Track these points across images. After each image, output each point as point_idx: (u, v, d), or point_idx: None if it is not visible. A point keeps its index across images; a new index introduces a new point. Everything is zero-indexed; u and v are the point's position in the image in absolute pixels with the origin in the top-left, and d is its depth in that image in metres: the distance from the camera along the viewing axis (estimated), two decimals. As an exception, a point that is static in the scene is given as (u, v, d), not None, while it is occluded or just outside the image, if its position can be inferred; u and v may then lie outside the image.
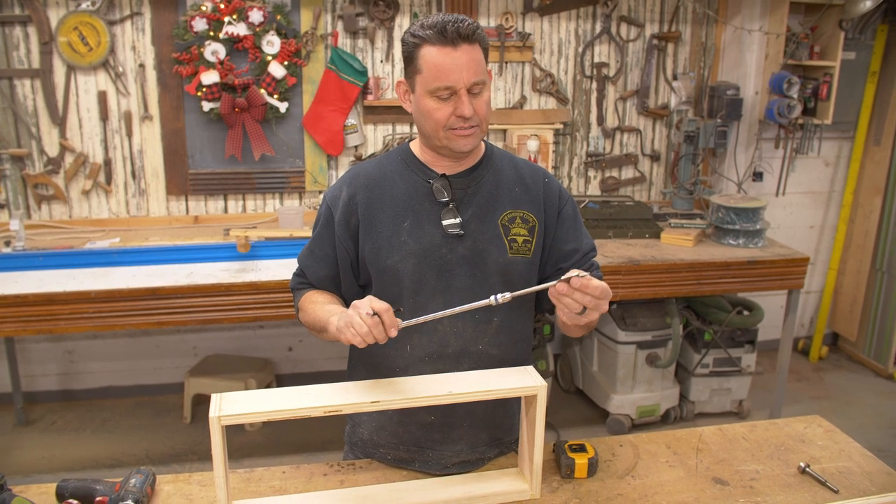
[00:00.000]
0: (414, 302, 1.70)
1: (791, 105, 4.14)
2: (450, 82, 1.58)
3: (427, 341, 1.72)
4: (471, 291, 1.70)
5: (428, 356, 1.72)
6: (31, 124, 3.71)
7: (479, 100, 1.62)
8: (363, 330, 1.45)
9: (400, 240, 1.70)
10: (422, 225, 1.71)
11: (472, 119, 1.62)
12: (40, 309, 2.98)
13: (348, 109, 3.92)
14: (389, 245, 1.70)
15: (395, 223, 1.71)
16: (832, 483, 1.71)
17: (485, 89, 1.63)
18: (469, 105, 1.60)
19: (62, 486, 1.59)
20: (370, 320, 1.45)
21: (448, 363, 1.72)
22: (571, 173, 4.36)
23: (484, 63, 1.63)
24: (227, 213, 4.02)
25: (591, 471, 1.73)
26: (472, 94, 1.61)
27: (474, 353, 1.73)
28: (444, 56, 1.57)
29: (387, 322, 1.46)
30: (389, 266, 1.70)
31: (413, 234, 1.70)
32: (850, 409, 4.29)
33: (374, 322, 1.45)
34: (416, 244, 1.69)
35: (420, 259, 1.69)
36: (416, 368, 1.72)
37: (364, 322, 1.45)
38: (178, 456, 3.71)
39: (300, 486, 1.69)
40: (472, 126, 1.64)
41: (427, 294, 1.70)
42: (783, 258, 3.62)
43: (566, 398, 4.36)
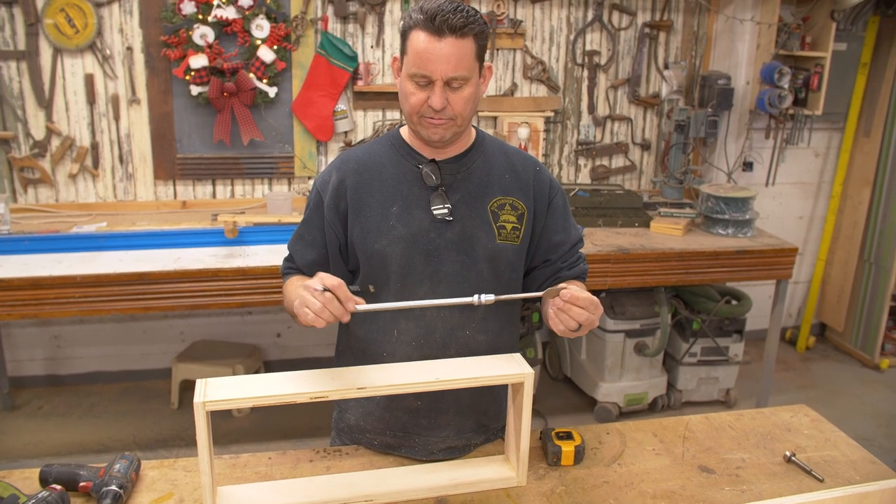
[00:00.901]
0: (402, 287, 1.70)
1: (782, 95, 4.14)
2: (426, 71, 1.57)
3: (414, 327, 1.71)
4: (459, 277, 1.70)
5: (415, 341, 1.72)
6: (17, 107, 3.67)
7: (458, 94, 1.61)
8: (316, 307, 1.43)
9: (388, 224, 1.69)
10: (410, 210, 1.70)
11: (443, 112, 1.61)
12: (26, 293, 2.95)
13: (338, 95, 3.89)
14: (378, 229, 1.69)
15: (384, 207, 1.70)
16: (817, 472, 1.72)
17: (467, 85, 1.61)
18: (441, 98, 1.59)
19: (45, 472, 1.58)
20: (322, 297, 1.43)
21: (435, 348, 1.72)
22: (562, 161, 4.35)
23: (471, 59, 1.59)
24: (215, 198, 4.00)
25: (578, 458, 1.73)
26: (451, 87, 1.60)
27: (461, 339, 1.73)
28: (427, 44, 1.56)
29: (341, 297, 1.43)
30: (377, 250, 1.69)
31: (402, 218, 1.69)
32: (837, 398, 4.32)
33: (328, 298, 1.43)
34: (405, 229, 1.69)
35: (408, 244, 1.69)
36: (402, 353, 1.71)
37: (316, 299, 1.43)
38: (165, 441, 3.70)
39: (286, 472, 1.68)
40: (444, 118, 1.63)
41: (415, 279, 1.70)
42: (772, 248, 3.63)
43: (554, 386, 4.37)
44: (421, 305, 1.57)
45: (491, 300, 1.51)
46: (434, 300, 1.57)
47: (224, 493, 1.55)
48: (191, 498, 1.57)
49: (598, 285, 3.49)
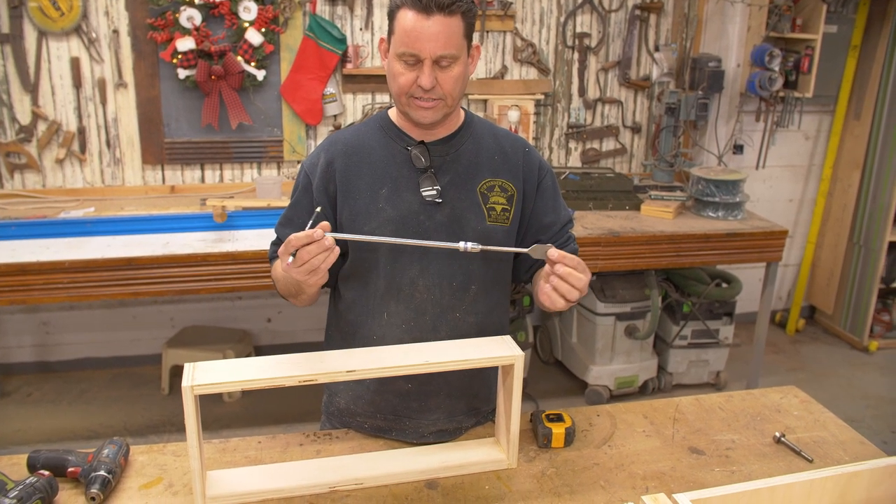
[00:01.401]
0: (392, 268, 1.70)
1: (772, 78, 4.13)
2: (415, 50, 1.56)
3: (404, 309, 1.71)
4: (449, 259, 1.70)
5: (405, 323, 1.71)
6: (2, 91, 3.63)
7: (447, 74, 1.59)
8: (313, 264, 1.43)
9: (377, 206, 1.68)
10: (400, 192, 1.69)
11: (433, 92, 1.60)
12: (13, 279, 2.93)
13: (327, 78, 3.86)
14: (367, 212, 1.68)
15: (373, 190, 1.69)
16: (807, 452, 1.73)
17: (456, 64, 1.59)
18: (430, 77, 1.57)
19: (33, 457, 1.57)
20: (297, 261, 1.42)
21: (425, 330, 1.71)
22: (552, 144, 4.34)
23: (460, 37, 1.58)
24: (203, 182, 3.97)
25: (568, 440, 1.73)
26: (440, 66, 1.58)
27: (451, 321, 1.72)
28: (415, 22, 1.54)
29: (298, 245, 1.41)
30: (367, 232, 1.68)
31: (391, 200, 1.68)
32: (826, 380, 4.34)
33: (310, 252, 1.42)
34: (394, 211, 1.68)
35: (398, 226, 1.68)
36: (393, 336, 1.71)
37: (298, 268, 1.43)
38: (155, 427, 3.69)
39: (276, 456, 1.68)
40: (433, 99, 1.61)
41: (405, 260, 1.69)
42: (762, 231, 3.64)
43: (545, 369, 4.38)
44: (403, 243, 1.57)
45: (477, 249, 1.51)
46: (420, 241, 1.57)
47: (213, 477, 1.55)
48: (180, 483, 1.57)
49: (589, 268, 3.48)
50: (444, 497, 1.54)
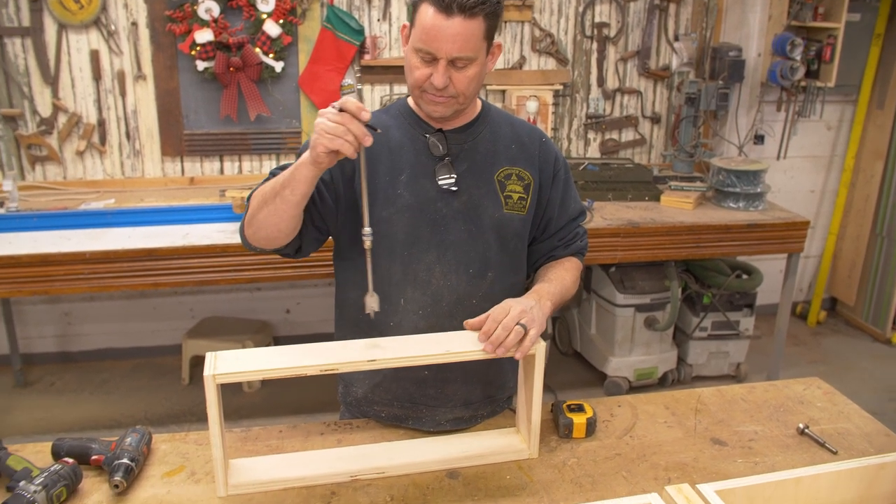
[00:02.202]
0: (408, 255, 1.69)
1: (794, 67, 4.08)
2: (431, 49, 1.55)
3: (421, 295, 1.71)
4: (465, 246, 1.70)
5: (422, 310, 1.71)
6: (23, 84, 3.65)
7: (461, 74, 1.58)
8: (340, 130, 1.38)
9: (396, 192, 1.68)
10: (418, 179, 1.69)
11: (445, 90, 1.59)
12: (35, 270, 2.96)
13: (345, 69, 3.86)
14: (385, 197, 1.68)
15: (392, 175, 1.69)
16: (831, 444, 1.71)
17: (472, 65, 1.58)
18: (444, 77, 1.56)
19: (58, 445, 1.58)
20: (341, 117, 1.38)
21: (441, 317, 1.71)
22: (571, 135, 4.32)
23: (479, 39, 1.56)
24: (222, 174, 3.98)
25: (590, 430, 1.72)
26: (455, 67, 1.57)
27: (468, 308, 1.71)
28: (435, 21, 1.52)
29: (352, 109, 1.39)
30: (384, 218, 1.67)
31: (409, 187, 1.68)
32: (847, 373, 4.30)
33: (346, 118, 1.38)
34: (412, 197, 1.68)
35: (415, 212, 1.68)
36: (409, 323, 1.71)
37: (334, 121, 1.38)
38: (176, 417, 3.71)
39: (297, 445, 1.68)
40: (446, 97, 1.61)
41: (421, 247, 1.69)
42: (783, 221, 3.60)
43: (564, 361, 4.36)
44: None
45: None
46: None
47: (236, 465, 1.55)
48: (202, 471, 1.57)
49: (608, 259, 3.47)
50: (465, 486, 1.54)
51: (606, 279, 3.88)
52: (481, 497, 1.51)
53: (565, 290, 1.76)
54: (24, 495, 1.37)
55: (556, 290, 1.71)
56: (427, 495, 1.51)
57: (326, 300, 4.36)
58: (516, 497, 1.51)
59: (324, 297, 4.35)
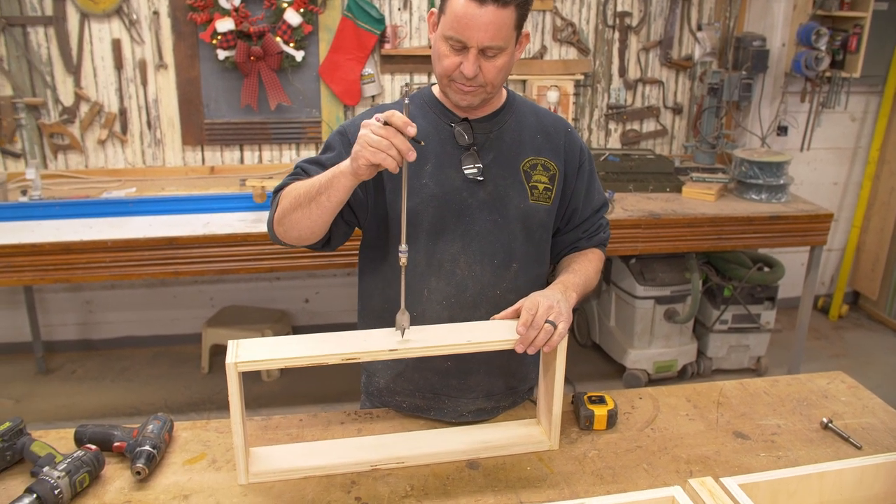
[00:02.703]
0: (433, 245, 1.68)
1: (819, 57, 4.03)
2: (463, 37, 1.53)
3: (445, 285, 1.69)
4: (491, 236, 1.69)
5: (445, 300, 1.70)
6: (46, 73, 3.68)
7: (491, 63, 1.57)
8: (384, 144, 1.36)
9: (421, 182, 1.67)
10: (443, 168, 1.68)
11: (474, 80, 1.58)
12: (57, 258, 2.98)
13: (365, 58, 3.85)
14: (410, 187, 1.65)
15: (418, 165, 1.67)
16: (855, 439, 1.69)
17: (502, 55, 1.57)
18: (473, 66, 1.55)
19: (80, 432, 1.59)
20: (386, 131, 1.36)
21: (465, 307, 1.70)
22: (592, 125, 4.29)
23: (510, 29, 1.55)
24: (243, 163, 3.99)
25: (611, 422, 1.71)
26: (485, 56, 1.56)
27: (492, 298, 1.71)
28: (467, 9, 1.51)
29: (398, 124, 1.37)
30: (410, 208, 1.65)
31: (434, 176, 1.67)
32: (870, 368, 4.25)
33: (391, 132, 1.36)
34: (438, 187, 1.67)
35: (440, 202, 1.67)
36: (433, 313, 1.70)
37: (379, 135, 1.36)
38: (195, 405, 3.74)
39: (317, 434, 1.68)
40: (474, 86, 1.60)
41: (447, 237, 1.68)
42: (806, 214, 3.56)
43: (582, 352, 4.35)
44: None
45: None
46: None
47: (256, 453, 1.56)
48: (223, 459, 1.58)
49: (629, 251, 3.45)
50: (485, 477, 1.54)
51: (626, 271, 3.85)
52: (501, 488, 1.50)
53: (589, 281, 1.75)
54: (48, 481, 1.38)
55: (580, 281, 1.70)
56: (447, 485, 1.51)
57: (345, 290, 4.36)
58: (537, 489, 1.50)
59: (343, 286, 4.36)
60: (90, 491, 1.46)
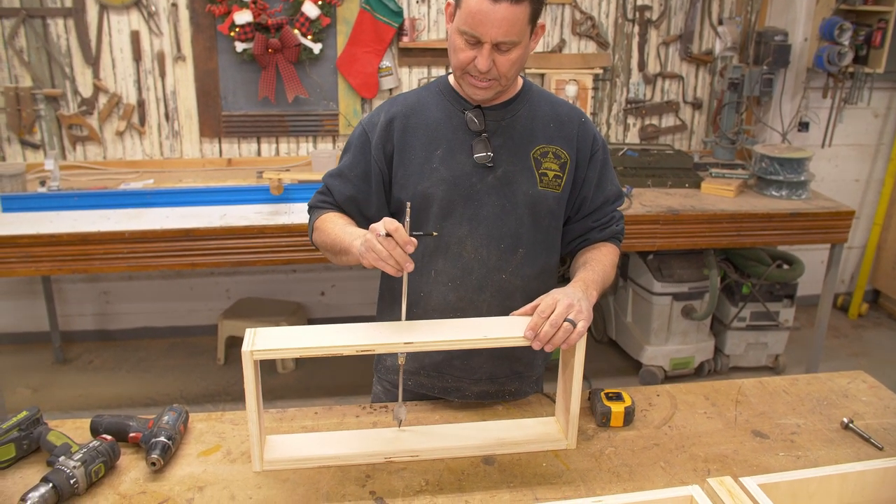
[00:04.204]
0: (441, 228, 1.71)
1: (842, 52, 3.98)
2: (477, 33, 1.54)
3: (451, 267, 1.73)
4: (498, 221, 1.71)
5: (451, 281, 1.73)
6: (65, 64, 3.69)
7: (505, 57, 1.58)
8: (383, 253, 1.43)
9: (432, 166, 1.70)
10: (454, 154, 1.70)
11: (488, 73, 1.60)
12: (75, 248, 2.99)
13: (383, 51, 3.84)
14: (421, 171, 1.70)
15: (429, 150, 1.71)
16: (876, 440, 1.66)
17: (516, 48, 1.58)
18: (487, 60, 1.56)
19: (96, 422, 1.60)
20: (387, 243, 1.43)
21: (470, 289, 1.73)
22: (610, 120, 4.25)
23: (524, 24, 1.55)
24: (260, 156, 3.99)
25: (628, 420, 1.70)
26: (499, 50, 1.57)
27: (497, 282, 1.73)
28: (481, 5, 1.51)
29: (399, 241, 1.43)
30: (420, 192, 1.70)
31: (445, 161, 1.70)
32: (889, 367, 4.20)
33: (391, 245, 1.43)
34: (447, 172, 1.70)
35: (450, 186, 1.69)
36: (438, 294, 1.74)
37: (382, 246, 1.43)
38: (211, 396, 3.75)
39: (332, 426, 1.68)
40: (488, 79, 1.61)
41: (455, 220, 1.71)
42: (827, 211, 3.52)
43: (598, 348, 4.33)
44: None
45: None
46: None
47: (272, 441, 1.56)
48: (238, 450, 1.57)
49: (647, 247, 3.42)
50: (500, 473, 1.53)
51: (644, 266, 3.82)
52: (517, 484, 1.49)
53: (606, 276, 1.74)
54: (64, 470, 1.38)
55: (598, 278, 1.70)
56: (462, 480, 1.50)
57: (361, 283, 4.36)
58: (552, 485, 1.49)
59: (358, 279, 4.36)
60: (105, 481, 1.46)
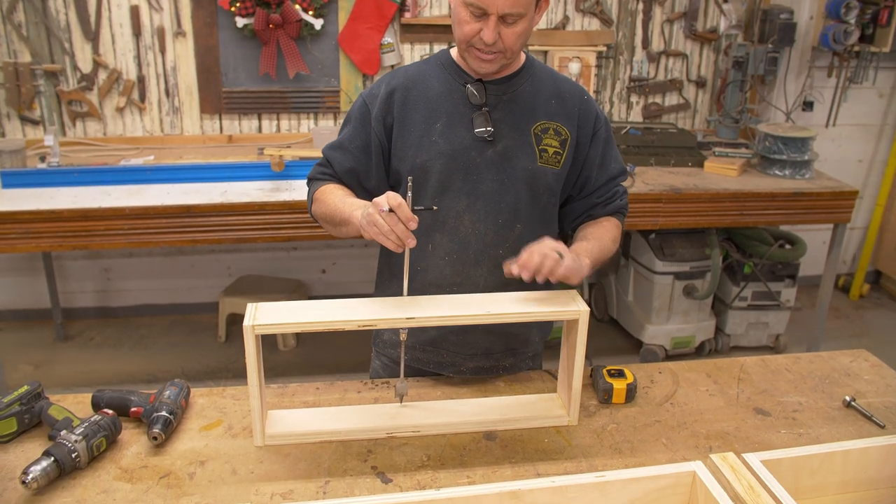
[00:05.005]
0: (439, 201, 1.71)
1: (848, 31, 3.94)
2: (483, 4, 1.53)
3: (448, 241, 1.73)
4: (496, 196, 1.71)
5: (448, 255, 1.73)
6: (64, 39, 3.66)
7: (510, 29, 1.57)
8: (384, 228, 1.43)
9: (431, 139, 1.69)
10: (454, 127, 1.70)
11: (493, 46, 1.58)
12: (76, 224, 2.98)
13: (385, 27, 3.81)
14: (420, 144, 1.70)
15: (428, 123, 1.70)
16: (878, 418, 1.66)
17: (521, 21, 1.57)
18: (493, 32, 1.55)
19: (97, 397, 1.60)
20: (390, 218, 1.43)
21: (467, 264, 1.73)
22: (613, 98, 4.23)
23: None
24: (261, 132, 3.97)
25: (630, 396, 1.70)
26: (505, 22, 1.56)
27: (494, 257, 1.73)
28: None
29: (402, 217, 1.43)
30: (418, 164, 1.69)
31: (444, 134, 1.69)
32: (890, 348, 4.20)
33: (394, 220, 1.43)
34: (447, 145, 1.69)
35: (449, 159, 1.69)
36: (435, 267, 1.74)
37: (384, 220, 1.43)
38: (213, 373, 3.76)
39: (333, 402, 1.68)
40: (493, 52, 1.60)
41: (453, 194, 1.70)
42: (830, 191, 3.50)
43: (599, 327, 4.32)
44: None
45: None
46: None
47: (273, 416, 1.56)
48: (240, 425, 1.57)
49: (649, 225, 3.41)
50: (502, 448, 1.53)
51: (645, 245, 3.81)
52: (519, 460, 1.49)
53: (604, 248, 1.73)
54: (66, 444, 1.38)
55: (594, 247, 1.69)
56: (464, 456, 1.50)
57: (362, 261, 4.36)
58: (554, 461, 1.49)
59: (360, 257, 4.35)
60: (107, 455, 1.46)
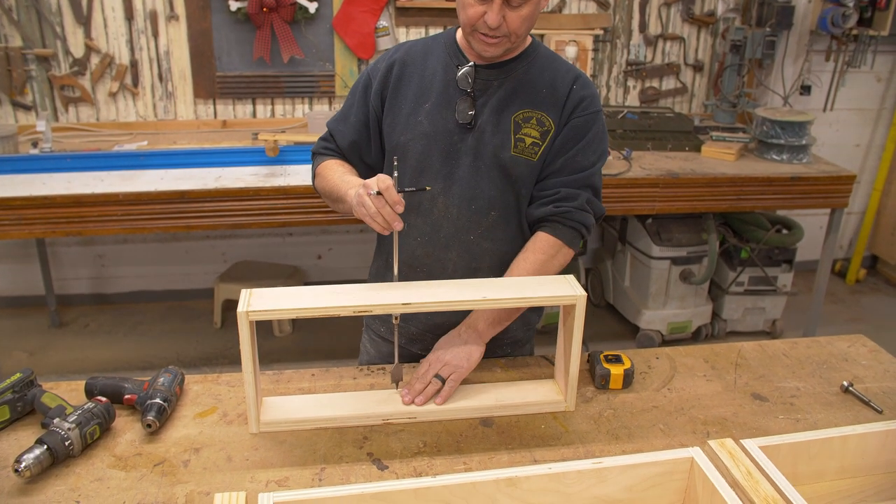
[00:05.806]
0: (416, 182, 1.71)
1: (846, 14, 3.92)
2: None
3: (422, 222, 1.73)
4: (471, 182, 1.70)
5: (420, 236, 1.74)
6: (56, 23, 3.62)
7: (516, 13, 1.54)
8: (372, 210, 1.45)
9: (417, 119, 1.69)
10: (440, 109, 1.69)
11: (498, 30, 1.56)
12: (69, 210, 2.96)
13: (380, 11, 3.77)
14: (406, 122, 1.70)
15: (418, 102, 1.70)
16: (876, 403, 1.66)
17: (527, 4, 1.54)
18: (498, 16, 1.53)
19: (91, 384, 1.58)
20: (377, 201, 1.44)
21: (438, 247, 1.74)
22: (610, 82, 4.20)
23: None
24: (255, 117, 3.94)
25: (627, 382, 1.69)
26: (510, 5, 1.53)
27: (465, 242, 1.73)
28: None
29: (389, 200, 1.43)
30: (401, 143, 1.70)
31: (430, 115, 1.69)
32: (886, 332, 4.20)
33: (381, 203, 1.44)
34: (430, 126, 1.69)
35: (430, 141, 1.69)
36: (408, 247, 1.75)
37: (372, 203, 1.44)
38: (208, 360, 3.75)
39: (329, 388, 1.67)
40: (498, 36, 1.58)
41: (429, 176, 1.71)
42: (828, 175, 3.48)
43: (596, 312, 4.32)
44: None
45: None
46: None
47: (268, 403, 1.55)
48: (234, 412, 1.56)
49: (646, 210, 3.40)
50: (499, 435, 1.52)
51: (642, 230, 3.80)
52: (515, 446, 1.48)
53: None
54: (59, 432, 1.37)
55: (502, 315, 1.70)
56: (460, 442, 1.49)
57: (358, 247, 4.34)
58: (551, 447, 1.48)
59: (355, 243, 4.33)
60: (101, 443, 1.45)
